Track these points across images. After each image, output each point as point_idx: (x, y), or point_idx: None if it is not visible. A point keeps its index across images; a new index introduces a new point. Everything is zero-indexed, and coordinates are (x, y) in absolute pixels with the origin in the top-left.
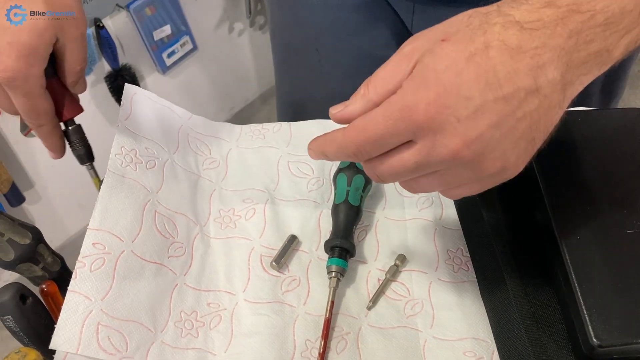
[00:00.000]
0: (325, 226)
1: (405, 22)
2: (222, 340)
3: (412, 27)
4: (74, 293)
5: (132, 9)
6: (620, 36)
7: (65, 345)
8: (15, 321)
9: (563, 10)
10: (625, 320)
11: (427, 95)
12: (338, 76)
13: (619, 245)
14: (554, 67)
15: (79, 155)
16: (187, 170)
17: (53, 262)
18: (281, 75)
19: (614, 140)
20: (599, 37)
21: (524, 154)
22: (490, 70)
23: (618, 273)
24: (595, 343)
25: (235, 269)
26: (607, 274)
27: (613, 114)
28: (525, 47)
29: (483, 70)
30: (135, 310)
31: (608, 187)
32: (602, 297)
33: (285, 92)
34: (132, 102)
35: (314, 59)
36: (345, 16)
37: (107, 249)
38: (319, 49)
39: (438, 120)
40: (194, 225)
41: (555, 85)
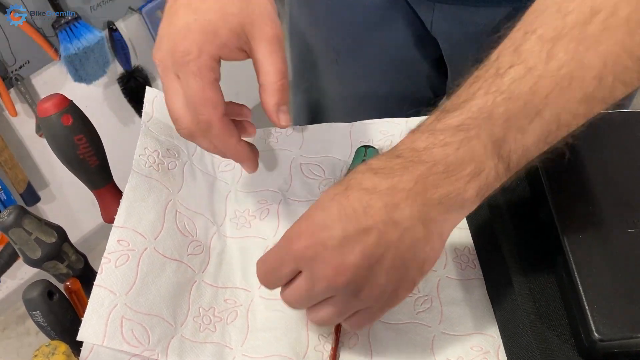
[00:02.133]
0: None
1: (425, 22)
2: (239, 335)
3: (432, 28)
4: (100, 287)
5: (145, 11)
6: (465, 182)
7: (92, 337)
8: (43, 316)
9: (408, 161)
10: (626, 315)
11: (301, 227)
12: (355, 76)
13: (620, 243)
14: (407, 204)
15: None
16: (205, 172)
17: (77, 260)
18: (298, 75)
19: (616, 142)
20: (443, 183)
21: (400, 282)
22: (349, 206)
23: (619, 270)
24: (597, 337)
25: (250, 267)
26: (609, 270)
27: (615, 117)
28: (378, 187)
29: (343, 206)
30: (157, 304)
31: (610, 188)
32: (603, 293)
33: (302, 91)
34: (153, 105)
35: (332, 59)
36: (364, 16)
37: (131, 245)
38: (337, 49)
39: (312, 250)
40: (212, 225)
41: (414, 220)
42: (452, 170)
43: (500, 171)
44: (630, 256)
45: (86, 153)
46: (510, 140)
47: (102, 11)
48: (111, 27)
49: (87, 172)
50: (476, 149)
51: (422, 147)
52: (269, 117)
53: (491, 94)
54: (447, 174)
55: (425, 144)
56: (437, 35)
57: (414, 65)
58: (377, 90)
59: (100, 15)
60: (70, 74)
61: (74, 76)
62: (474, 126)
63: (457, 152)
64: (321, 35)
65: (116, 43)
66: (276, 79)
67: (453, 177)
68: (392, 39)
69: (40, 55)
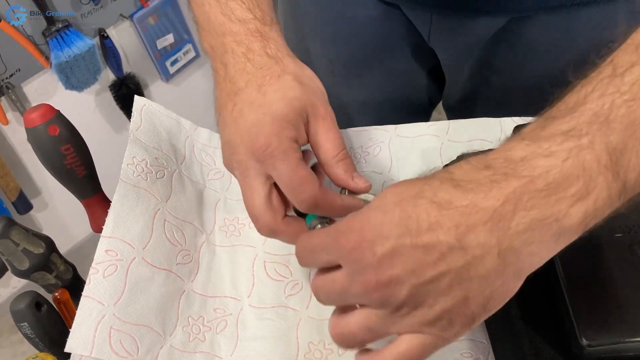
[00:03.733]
0: None
1: (422, 34)
2: (228, 344)
3: (429, 39)
4: (88, 298)
5: (136, 18)
6: (569, 204)
7: (80, 348)
8: (31, 327)
9: (499, 173)
10: (613, 321)
11: (354, 223)
12: (351, 86)
13: (607, 248)
14: (486, 229)
15: None
16: (194, 181)
17: (65, 270)
18: None
19: None
20: (540, 204)
21: (456, 313)
22: (413, 216)
23: (606, 275)
24: (584, 343)
25: (240, 275)
26: (595, 276)
27: None
28: (454, 203)
29: (407, 215)
30: (146, 314)
31: None
32: (590, 298)
33: None
34: (141, 114)
35: (327, 70)
36: (360, 27)
37: (119, 255)
38: (332, 59)
39: (358, 252)
40: (201, 234)
41: (488, 249)
42: (554, 188)
43: (613, 192)
44: (616, 261)
45: (73, 163)
46: (630, 152)
47: (93, 19)
48: (102, 35)
49: (74, 182)
50: (587, 161)
51: (520, 157)
52: (345, 187)
53: (608, 95)
54: (547, 192)
55: (524, 154)
56: (434, 46)
57: (410, 75)
58: (374, 99)
59: (91, 23)
60: (61, 81)
61: (65, 84)
62: (587, 132)
63: (564, 165)
64: (316, 48)
65: (107, 50)
66: (336, 151)
67: (554, 196)
68: (389, 50)
69: (31, 63)
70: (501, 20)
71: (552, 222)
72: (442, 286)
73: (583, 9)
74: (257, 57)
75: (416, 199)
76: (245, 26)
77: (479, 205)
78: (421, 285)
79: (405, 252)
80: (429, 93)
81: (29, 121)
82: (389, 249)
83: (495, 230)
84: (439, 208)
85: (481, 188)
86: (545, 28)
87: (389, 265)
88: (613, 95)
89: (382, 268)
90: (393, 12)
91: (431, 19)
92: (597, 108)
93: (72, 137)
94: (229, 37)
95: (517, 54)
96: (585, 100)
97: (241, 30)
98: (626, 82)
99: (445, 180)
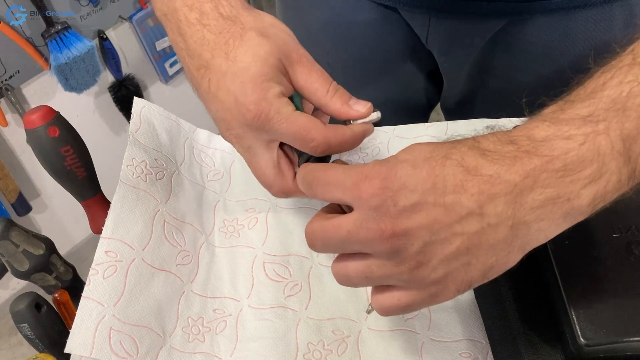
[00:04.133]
0: None
1: (420, 36)
2: (228, 345)
3: (427, 41)
4: (88, 299)
5: (135, 20)
6: (582, 185)
7: (80, 349)
8: (31, 328)
9: (522, 150)
10: (611, 320)
11: (380, 172)
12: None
13: (605, 248)
14: (505, 200)
15: None
16: (193, 182)
17: (65, 271)
18: None
19: None
20: (556, 183)
21: (454, 275)
22: (441, 175)
23: (603, 275)
24: (583, 342)
25: (239, 276)
26: (593, 275)
27: None
28: (481, 170)
29: (434, 173)
30: (146, 315)
31: None
32: (588, 298)
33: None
34: (141, 116)
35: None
36: (358, 31)
37: (119, 256)
38: (331, 63)
39: (378, 199)
40: (200, 235)
41: (504, 219)
42: (570, 169)
43: (623, 177)
44: (615, 260)
45: (73, 164)
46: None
47: (92, 20)
48: (101, 36)
49: (74, 184)
50: (602, 147)
51: (541, 137)
52: (350, 117)
53: (627, 83)
54: (563, 172)
55: (545, 134)
56: (432, 49)
57: (409, 77)
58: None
59: (90, 25)
60: (60, 83)
61: (65, 85)
62: (604, 118)
63: (581, 148)
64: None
65: (107, 52)
66: (326, 89)
67: (569, 177)
68: (387, 53)
69: (30, 65)
70: (498, 22)
71: (564, 202)
72: (450, 249)
73: (580, 12)
74: (212, 21)
75: (445, 159)
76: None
77: (503, 177)
78: (432, 243)
79: (426, 209)
80: (427, 95)
81: (29, 123)
82: (411, 202)
83: (513, 203)
84: (465, 172)
85: (505, 161)
86: (543, 30)
87: (408, 218)
88: (631, 83)
89: (401, 219)
90: (391, 16)
91: (429, 22)
92: (615, 95)
93: (72, 138)
94: (179, 1)
95: (515, 56)
96: (604, 86)
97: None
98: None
99: (472, 147)
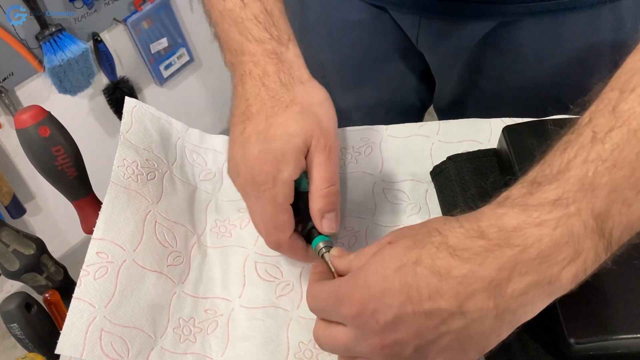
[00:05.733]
0: None
1: (410, 37)
2: (219, 345)
3: (417, 42)
4: (79, 300)
5: (129, 22)
6: (561, 267)
7: (70, 350)
8: (20, 328)
9: (493, 244)
10: (600, 319)
11: (354, 293)
12: (341, 89)
13: None
14: (484, 296)
15: None
16: (185, 182)
17: (56, 271)
18: None
19: None
20: (534, 270)
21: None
22: (414, 285)
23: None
24: (572, 341)
25: (231, 276)
26: None
27: None
28: (452, 273)
29: (407, 284)
30: (137, 317)
31: None
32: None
33: None
34: (132, 115)
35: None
36: (350, 30)
37: (110, 258)
38: (324, 64)
39: (362, 318)
40: (192, 235)
41: (486, 312)
42: (546, 255)
43: (600, 251)
44: None
45: (64, 164)
46: (614, 215)
47: (86, 23)
48: (96, 39)
49: (65, 184)
50: (575, 228)
51: (512, 227)
52: (314, 222)
53: (591, 162)
54: (539, 259)
55: (515, 222)
56: (422, 50)
57: (401, 78)
58: (365, 101)
59: (84, 27)
60: (54, 85)
61: (59, 88)
62: (573, 200)
63: (554, 233)
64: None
65: (101, 54)
66: (322, 186)
67: (546, 263)
68: (379, 53)
69: (24, 67)
70: (488, 24)
71: (545, 285)
72: (442, 344)
73: (569, 14)
74: (272, 83)
75: (415, 267)
76: (262, 46)
77: (477, 274)
78: (423, 346)
79: (407, 319)
80: (420, 96)
81: (20, 122)
82: (391, 317)
83: (493, 296)
84: (438, 277)
85: (477, 257)
86: (533, 32)
87: (393, 331)
88: (595, 162)
89: (386, 333)
90: (382, 16)
91: (419, 23)
92: (582, 175)
93: (63, 138)
94: (247, 56)
95: (506, 58)
96: (569, 166)
97: (258, 50)
98: (607, 149)
99: (441, 246)
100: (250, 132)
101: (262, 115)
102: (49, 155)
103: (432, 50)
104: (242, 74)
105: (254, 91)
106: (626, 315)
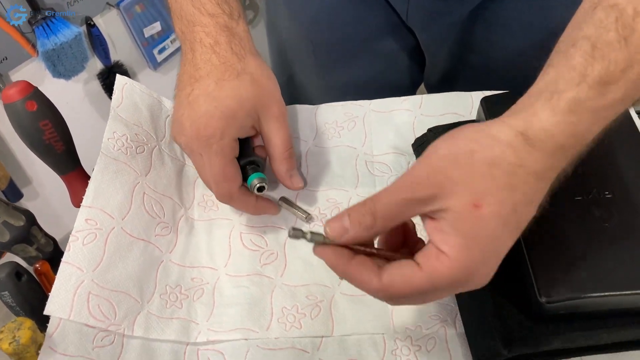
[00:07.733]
0: (301, 204)
1: (400, 14)
2: (205, 311)
3: (407, 18)
4: (67, 264)
5: (122, 6)
6: None
7: (59, 312)
8: (11, 296)
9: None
10: (571, 278)
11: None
12: (332, 67)
13: (567, 210)
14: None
15: None
16: (173, 157)
17: (46, 243)
18: (277, 68)
19: None
20: None
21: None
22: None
23: (565, 235)
24: (543, 300)
25: (217, 247)
26: (555, 236)
27: None
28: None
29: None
30: (124, 282)
31: None
32: (548, 257)
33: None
34: (123, 92)
35: (308, 51)
36: (339, 7)
37: (98, 225)
38: (313, 41)
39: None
40: (179, 208)
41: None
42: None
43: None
44: (575, 222)
45: (52, 138)
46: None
47: (79, 7)
48: (89, 23)
49: (53, 158)
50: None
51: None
52: (283, 182)
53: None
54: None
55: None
56: (412, 26)
57: (391, 55)
58: (356, 79)
59: (77, 11)
60: (48, 69)
61: (53, 72)
62: None
63: None
64: (298, 29)
65: (95, 39)
66: (283, 150)
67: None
68: (367, 29)
69: (18, 52)
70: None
71: None
72: None
73: None
74: (223, 51)
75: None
76: (214, 20)
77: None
78: None
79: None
80: (411, 73)
81: (7, 97)
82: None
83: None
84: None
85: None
86: (520, 6)
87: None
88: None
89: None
90: None
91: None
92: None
93: (50, 112)
94: (198, 27)
95: (494, 33)
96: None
97: (210, 23)
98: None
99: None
100: (199, 93)
101: (212, 78)
102: (36, 129)
103: (422, 26)
104: (192, 42)
105: (204, 57)
106: (596, 274)
